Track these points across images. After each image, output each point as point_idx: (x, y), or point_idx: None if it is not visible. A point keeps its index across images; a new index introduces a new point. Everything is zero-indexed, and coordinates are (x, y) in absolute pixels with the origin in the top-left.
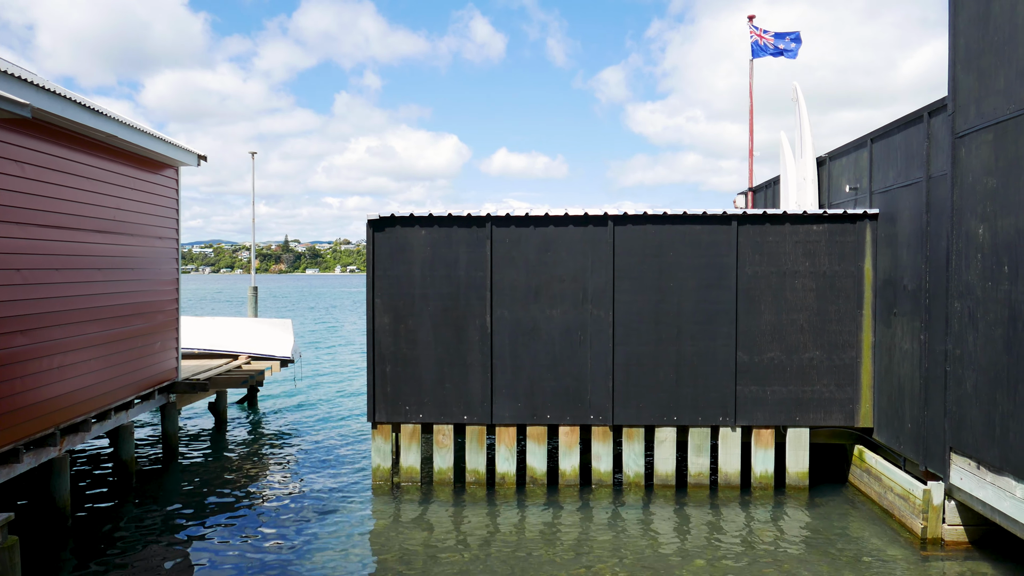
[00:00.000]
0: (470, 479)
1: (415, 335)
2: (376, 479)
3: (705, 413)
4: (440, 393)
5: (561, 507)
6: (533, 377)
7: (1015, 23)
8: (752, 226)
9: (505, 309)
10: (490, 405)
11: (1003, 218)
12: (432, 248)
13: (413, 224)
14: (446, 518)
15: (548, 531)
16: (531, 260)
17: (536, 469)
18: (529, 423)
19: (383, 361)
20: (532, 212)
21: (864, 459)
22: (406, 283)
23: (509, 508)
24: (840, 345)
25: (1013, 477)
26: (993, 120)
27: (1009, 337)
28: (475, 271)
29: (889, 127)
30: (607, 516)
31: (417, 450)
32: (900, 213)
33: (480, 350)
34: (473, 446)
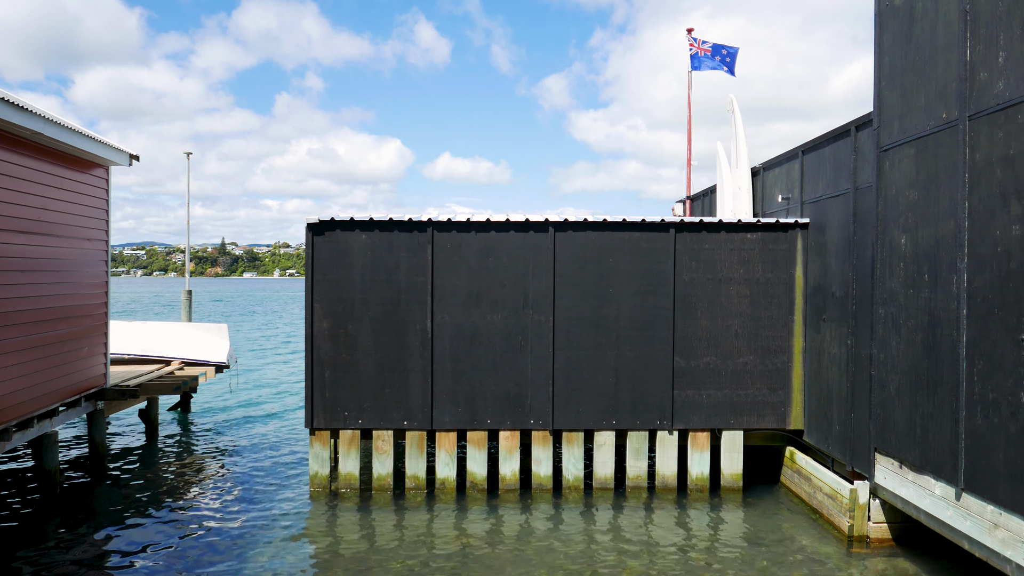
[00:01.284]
0: (410, 485)
1: (355, 340)
2: (314, 486)
3: (643, 417)
4: (380, 399)
5: (500, 511)
6: (474, 382)
7: (935, 44)
8: (689, 234)
9: (446, 314)
10: (430, 410)
11: (923, 229)
12: (372, 253)
13: (353, 228)
14: (385, 524)
15: (487, 536)
16: (472, 265)
17: (476, 474)
18: (470, 428)
19: (322, 366)
20: (474, 217)
21: (795, 460)
22: (346, 288)
23: (448, 513)
24: (773, 350)
25: (932, 476)
26: (915, 135)
27: (929, 342)
28: (416, 276)
29: (819, 140)
30: (546, 520)
31: (356, 456)
32: (829, 223)
33: (421, 355)
34: (413, 452)
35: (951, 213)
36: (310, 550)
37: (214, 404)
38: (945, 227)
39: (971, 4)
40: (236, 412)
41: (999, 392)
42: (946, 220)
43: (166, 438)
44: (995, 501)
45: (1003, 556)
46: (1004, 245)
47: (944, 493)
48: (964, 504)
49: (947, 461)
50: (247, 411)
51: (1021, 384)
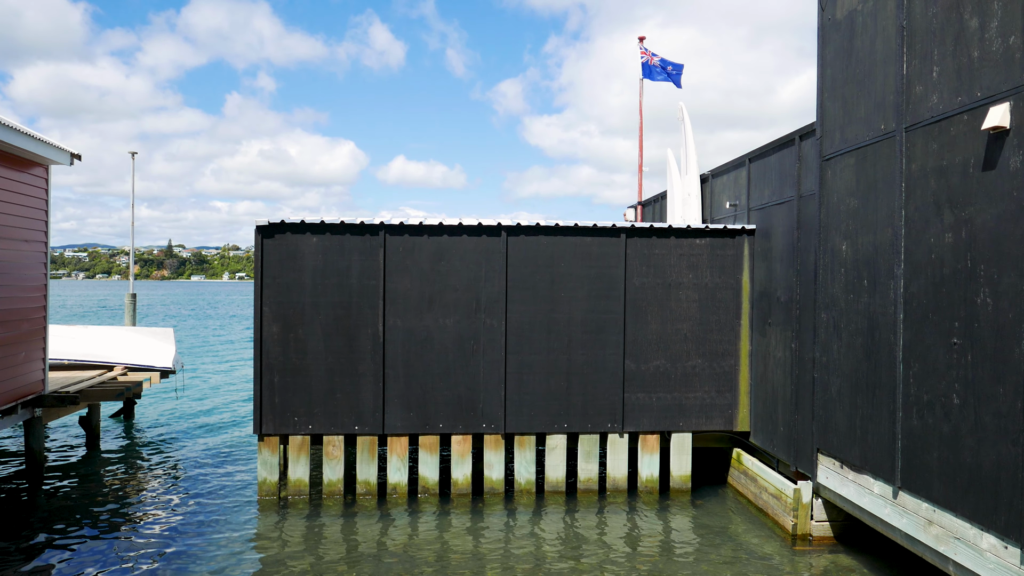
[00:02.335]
0: (361, 491)
1: (305, 344)
2: (262, 493)
3: (594, 420)
4: (331, 403)
5: (452, 516)
6: (426, 386)
7: (874, 58)
8: (640, 239)
9: (398, 318)
10: (382, 415)
11: (863, 236)
12: (324, 256)
13: (304, 231)
14: (335, 531)
15: (438, 541)
16: (425, 269)
17: (428, 479)
18: (421, 433)
19: (271, 371)
20: (426, 221)
21: (742, 461)
22: (296, 291)
23: (400, 519)
24: (720, 353)
25: (872, 475)
26: (855, 145)
27: (868, 345)
28: (368, 279)
29: (765, 148)
30: (498, 524)
31: (306, 462)
32: (774, 229)
33: (372, 359)
34: (364, 457)
35: (889, 221)
36: (258, 559)
37: (159, 410)
38: (883, 234)
39: (908, 20)
40: (182, 418)
41: (933, 394)
42: (884, 228)
43: (108, 446)
44: (929, 499)
45: (937, 551)
46: (937, 252)
47: (882, 491)
48: (901, 502)
49: (885, 460)
50: (194, 417)
51: (953, 386)
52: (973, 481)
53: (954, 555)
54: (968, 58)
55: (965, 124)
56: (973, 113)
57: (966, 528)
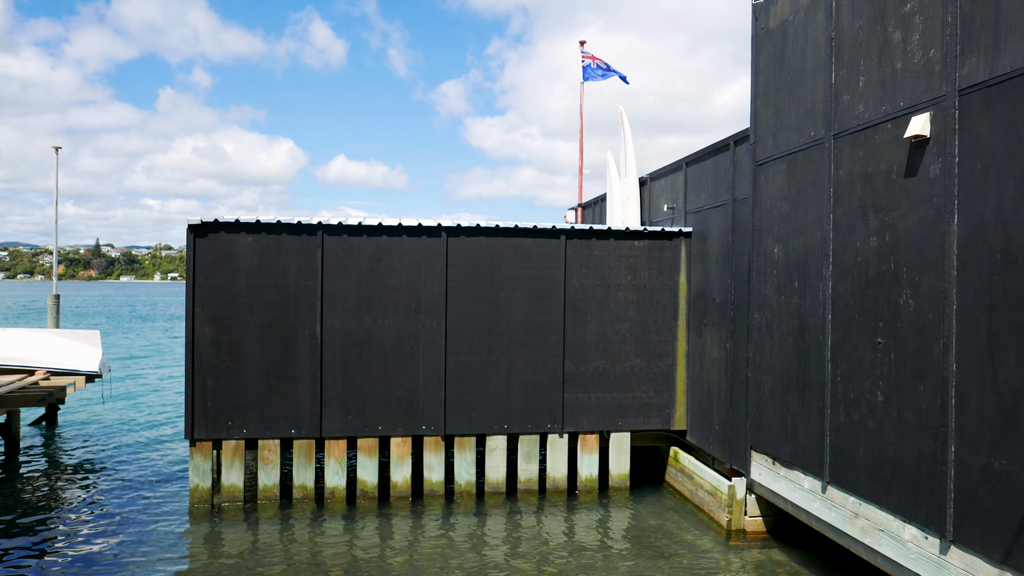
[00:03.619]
0: (298, 495)
1: (239, 346)
2: (194, 500)
3: (535, 421)
4: (266, 407)
5: (392, 519)
6: (365, 388)
7: (804, 67)
8: (579, 241)
9: (336, 319)
10: (319, 418)
11: (793, 239)
12: (259, 256)
13: (239, 230)
14: (270, 537)
15: (378, 545)
16: (364, 270)
17: (367, 482)
18: (360, 435)
19: (204, 374)
20: (365, 221)
21: (679, 459)
22: (230, 292)
23: (337, 523)
24: (658, 354)
25: (802, 471)
26: (787, 151)
27: (799, 345)
28: (305, 280)
29: (702, 153)
30: (438, 526)
31: (240, 467)
32: (710, 232)
33: (310, 361)
34: (301, 461)
35: (818, 225)
36: (188, 568)
37: (84, 416)
38: (813, 238)
39: (836, 31)
40: (109, 424)
41: (859, 391)
42: (814, 231)
43: (29, 454)
44: (856, 493)
45: (863, 543)
46: (863, 255)
47: (812, 487)
48: (829, 496)
49: (814, 456)
50: (121, 423)
51: (878, 384)
52: (896, 475)
53: (879, 547)
54: (892, 69)
55: (889, 132)
56: (896, 122)
57: (890, 520)
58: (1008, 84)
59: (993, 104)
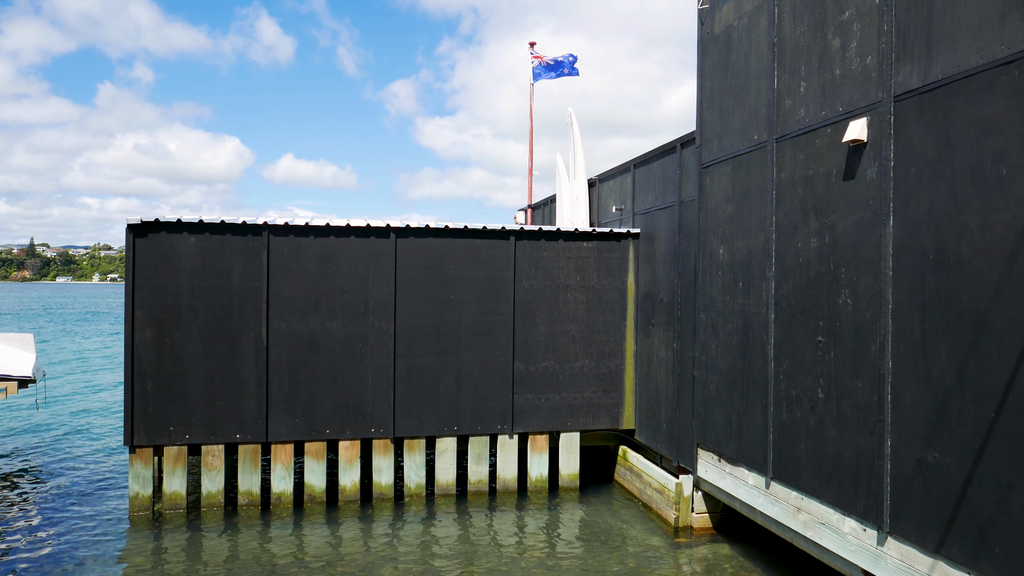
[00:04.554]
0: (243, 501)
1: (182, 350)
2: (134, 509)
3: (484, 422)
4: (210, 411)
5: (341, 524)
6: (312, 391)
7: (748, 72)
8: (529, 242)
9: (283, 321)
10: (265, 422)
11: (738, 240)
12: (203, 257)
13: (181, 230)
14: (214, 545)
15: (326, 550)
16: (311, 271)
17: (315, 486)
18: (308, 439)
19: (144, 379)
20: (313, 222)
21: (627, 458)
22: (172, 294)
23: (285, 529)
24: (607, 354)
25: (746, 467)
26: (731, 154)
27: (743, 344)
28: (250, 282)
29: (649, 155)
30: (387, 529)
31: (183, 474)
32: (658, 233)
33: (255, 364)
34: (247, 466)
35: (761, 226)
36: None
37: (17, 423)
38: (756, 239)
39: (778, 38)
40: (43, 431)
41: (801, 389)
42: (757, 233)
43: None
44: (798, 488)
45: (804, 536)
46: (804, 256)
47: (756, 482)
48: (773, 492)
49: (758, 453)
50: (57, 430)
51: (819, 382)
52: (836, 469)
53: (820, 539)
54: (831, 75)
55: (828, 137)
56: (835, 126)
57: (830, 514)
58: (940, 91)
59: (926, 110)
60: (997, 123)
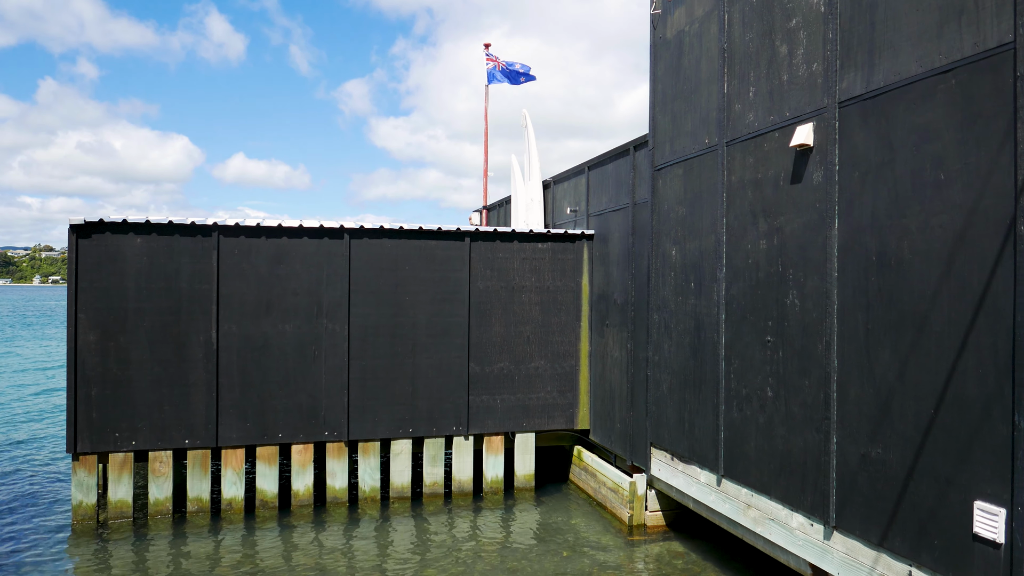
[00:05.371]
0: (192, 508)
1: (128, 354)
2: (77, 518)
3: (440, 424)
4: (158, 416)
5: (293, 529)
6: (264, 395)
7: (699, 77)
8: (484, 243)
9: (233, 324)
10: (215, 427)
11: (690, 242)
12: (149, 258)
13: (127, 231)
14: (162, 554)
15: (278, 556)
16: (263, 273)
17: (267, 491)
18: (259, 444)
19: (88, 384)
20: (264, 222)
21: (582, 458)
22: (117, 296)
23: (236, 536)
24: (562, 355)
25: (698, 465)
26: (683, 157)
27: (695, 344)
28: (200, 284)
29: (603, 157)
30: (341, 534)
31: (129, 481)
32: (611, 234)
33: (205, 368)
34: (196, 472)
35: (712, 228)
36: None
37: None
38: (708, 241)
39: (728, 43)
40: None
41: (751, 388)
42: (708, 234)
43: None
44: (748, 485)
45: (754, 532)
46: (754, 258)
47: (708, 480)
48: (724, 489)
49: (710, 451)
50: None
51: (767, 380)
52: (784, 466)
53: (769, 535)
54: (779, 81)
55: (776, 141)
56: (783, 131)
57: (779, 509)
58: (882, 98)
59: (869, 116)
60: (935, 130)
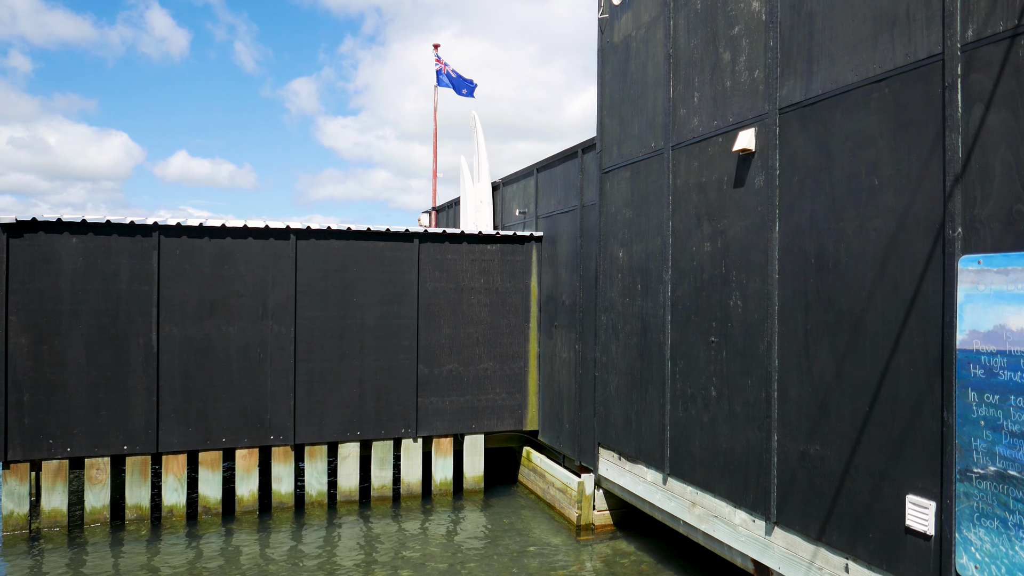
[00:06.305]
0: (131, 516)
1: (62, 357)
2: (7, 528)
3: (388, 426)
4: (95, 422)
5: (237, 535)
6: (207, 399)
7: (645, 81)
8: (432, 244)
9: (175, 326)
10: (156, 432)
11: (637, 244)
12: (86, 259)
13: (62, 230)
14: (100, 562)
15: (221, 563)
16: (206, 274)
17: (210, 498)
18: (202, 448)
19: (19, 389)
20: (207, 222)
21: (531, 459)
22: (51, 298)
23: (177, 543)
24: (511, 356)
25: (645, 464)
26: (630, 160)
27: (641, 345)
28: (139, 285)
29: (552, 159)
30: (287, 539)
31: (64, 489)
32: (560, 236)
33: (145, 372)
34: (135, 479)
35: (658, 231)
36: None
37: None
38: (654, 243)
39: (673, 49)
40: None
41: (695, 387)
42: (655, 237)
43: None
44: (693, 483)
45: (699, 529)
46: (698, 260)
47: (654, 479)
48: (669, 487)
49: (656, 450)
50: None
51: (712, 380)
52: (727, 464)
53: (713, 532)
54: (722, 87)
55: (720, 145)
56: (726, 136)
57: (722, 506)
58: (820, 105)
59: (807, 123)
60: (870, 136)
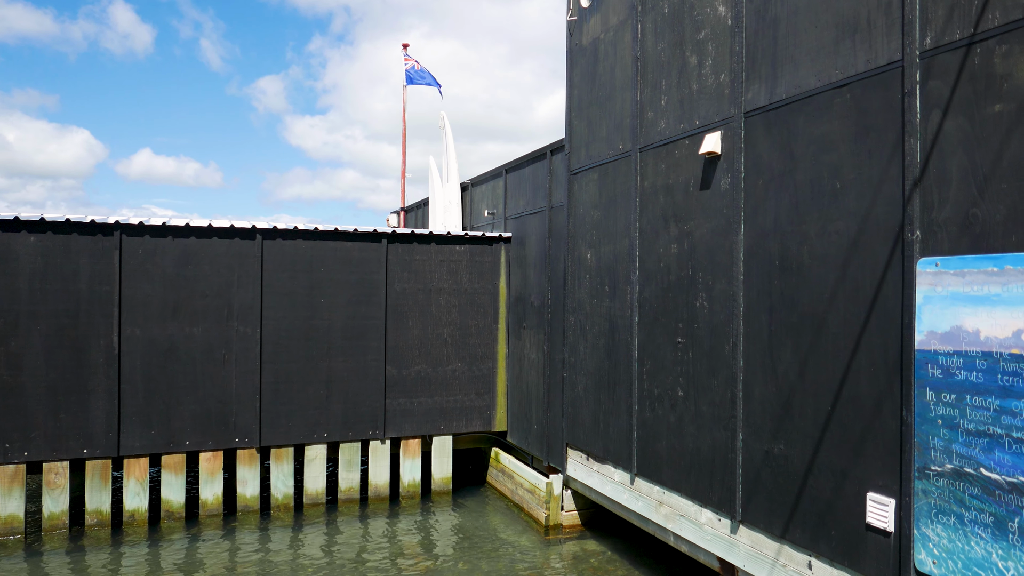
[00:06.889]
0: (91, 521)
1: (19, 359)
2: None
3: (356, 428)
4: (53, 425)
5: (201, 540)
6: (170, 401)
7: (614, 84)
8: (401, 244)
9: (137, 327)
10: (117, 435)
11: (605, 245)
12: (44, 258)
13: (19, 229)
14: (59, 570)
15: (184, 569)
16: (169, 274)
17: (173, 502)
18: (165, 452)
19: None
20: (171, 221)
21: (500, 460)
22: (8, 299)
23: (139, 549)
24: (479, 357)
25: (613, 464)
26: (598, 162)
27: (609, 346)
28: (100, 285)
29: (520, 160)
30: (253, 543)
31: (20, 495)
32: (528, 237)
33: (105, 374)
34: (95, 483)
35: (626, 232)
36: None
37: None
38: (621, 244)
39: (641, 52)
40: None
41: (662, 388)
42: (622, 238)
43: None
44: (660, 482)
45: (666, 529)
46: (665, 261)
47: (622, 479)
48: (637, 487)
49: (624, 450)
50: None
51: (678, 380)
52: (694, 464)
53: (679, 531)
54: (689, 90)
55: (686, 148)
56: (693, 139)
57: (689, 506)
58: (784, 109)
59: (772, 127)
60: (832, 141)
